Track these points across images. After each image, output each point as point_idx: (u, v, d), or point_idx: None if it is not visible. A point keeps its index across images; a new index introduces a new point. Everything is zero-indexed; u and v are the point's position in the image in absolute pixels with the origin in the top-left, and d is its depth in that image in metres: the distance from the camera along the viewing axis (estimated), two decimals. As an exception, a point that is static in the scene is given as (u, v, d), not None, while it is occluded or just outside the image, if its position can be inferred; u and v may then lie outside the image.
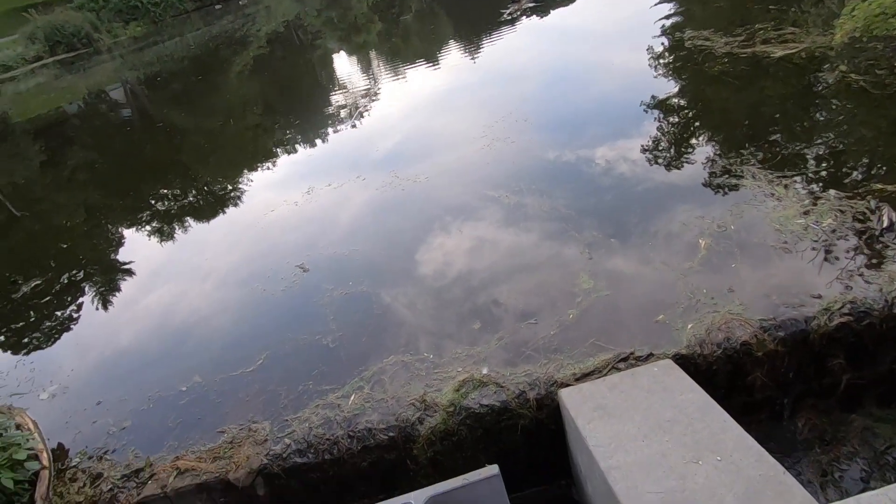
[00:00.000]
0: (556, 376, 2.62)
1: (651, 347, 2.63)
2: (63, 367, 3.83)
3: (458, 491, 0.80)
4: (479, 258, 3.78)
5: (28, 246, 6.80)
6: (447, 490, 0.80)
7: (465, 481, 0.82)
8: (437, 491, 0.78)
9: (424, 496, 0.77)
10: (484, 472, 0.84)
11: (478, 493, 0.83)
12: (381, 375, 2.94)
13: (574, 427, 2.26)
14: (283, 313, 3.75)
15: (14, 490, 2.56)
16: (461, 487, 0.80)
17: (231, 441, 2.75)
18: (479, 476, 0.82)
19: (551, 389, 2.58)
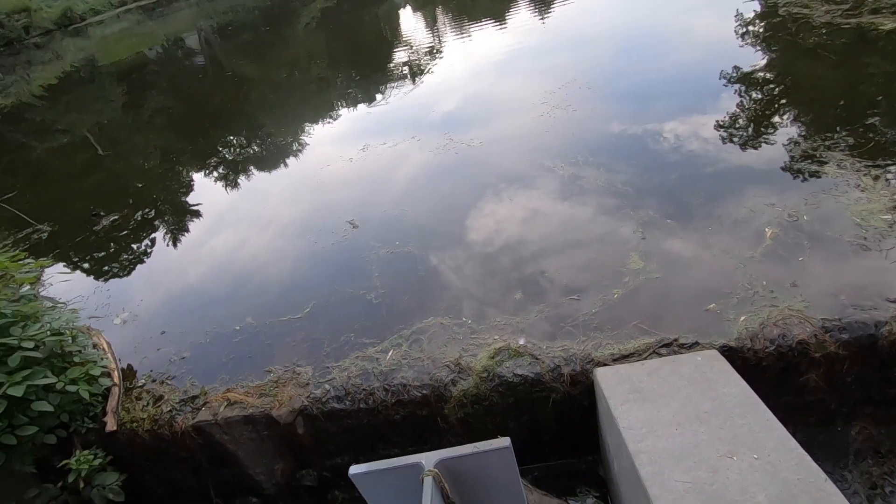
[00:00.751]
0: (593, 354, 2.59)
1: (697, 336, 2.53)
2: (134, 297, 4.19)
3: (469, 458, 0.82)
4: (528, 230, 3.72)
5: (109, 183, 7.35)
6: (457, 455, 0.83)
7: (475, 449, 0.84)
8: (448, 455, 0.81)
9: (435, 458, 0.80)
10: (495, 443, 0.86)
11: (488, 463, 0.85)
12: (420, 335, 3.01)
13: (606, 407, 2.24)
14: (332, 266, 3.89)
15: (90, 401, 2.87)
16: (471, 455, 0.83)
17: (276, 381, 2.94)
18: (490, 446, 0.85)
19: (587, 367, 2.55)
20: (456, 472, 0.81)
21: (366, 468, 0.83)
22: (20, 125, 12.50)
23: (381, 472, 0.80)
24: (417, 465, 0.80)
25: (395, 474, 0.80)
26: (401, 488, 0.82)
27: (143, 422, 2.88)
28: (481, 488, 0.85)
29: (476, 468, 0.83)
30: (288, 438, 2.85)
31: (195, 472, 2.99)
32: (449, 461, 0.81)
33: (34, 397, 2.59)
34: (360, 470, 0.83)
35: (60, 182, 7.88)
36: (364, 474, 0.82)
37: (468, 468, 0.82)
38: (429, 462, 0.80)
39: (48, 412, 2.61)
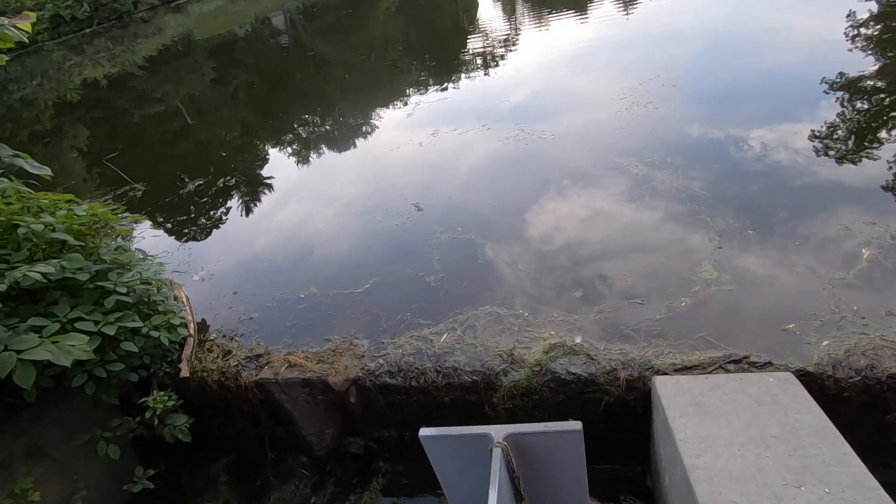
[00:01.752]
0: (653, 362, 2.50)
1: (771, 356, 2.37)
2: (212, 257, 4.50)
3: (537, 436, 0.82)
4: (592, 229, 3.63)
5: (195, 151, 7.88)
6: (527, 432, 0.83)
7: (545, 428, 0.84)
8: (517, 430, 0.81)
9: (504, 432, 0.81)
10: (566, 426, 0.85)
11: (556, 444, 0.85)
12: (475, 322, 3.03)
13: (663, 417, 2.16)
14: (394, 246, 3.98)
15: (168, 347, 3.13)
16: (541, 433, 0.82)
17: (334, 350, 3.07)
18: (561, 427, 0.84)
19: (645, 374, 2.47)
20: (523, 447, 0.82)
21: (436, 431, 0.85)
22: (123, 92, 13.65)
23: (450, 438, 0.82)
24: (487, 435, 0.82)
25: (463, 441, 0.82)
26: (467, 456, 0.84)
27: (212, 372, 3.11)
28: (546, 468, 0.85)
29: (543, 447, 0.83)
30: (340, 406, 2.97)
31: (254, 425, 3.19)
32: (517, 436, 0.82)
33: (123, 338, 2.86)
34: (430, 433, 0.85)
35: (154, 147, 8.54)
36: (433, 437, 0.84)
37: (536, 446, 0.82)
38: (498, 434, 0.81)
39: (133, 353, 2.87)
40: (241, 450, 3.34)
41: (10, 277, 2.40)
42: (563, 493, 0.90)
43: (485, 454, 0.80)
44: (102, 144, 9.20)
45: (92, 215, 3.20)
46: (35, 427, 2.77)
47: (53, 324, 2.59)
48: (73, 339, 2.48)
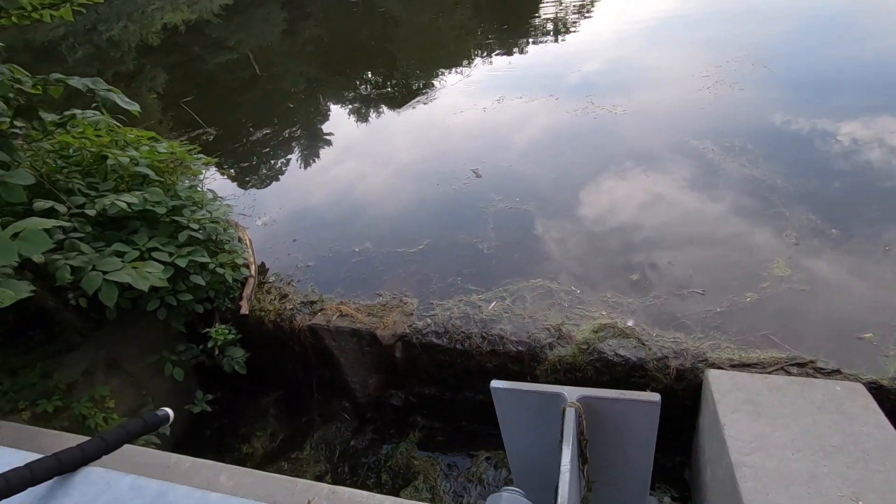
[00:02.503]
0: (708, 354, 2.41)
1: (840, 364, 2.24)
2: (274, 205, 4.67)
3: (612, 402, 0.81)
4: (658, 213, 3.48)
5: (262, 101, 8.10)
6: (601, 396, 0.82)
7: (620, 395, 0.82)
8: (591, 393, 0.80)
9: (578, 393, 0.80)
10: (644, 395, 0.83)
11: (630, 412, 0.83)
12: (525, 293, 3.02)
13: (713, 411, 2.10)
14: (450, 210, 3.98)
15: (231, 285, 3.32)
16: (615, 399, 0.81)
17: (384, 305, 3.16)
18: (637, 396, 0.82)
19: (698, 366, 2.40)
20: (594, 411, 0.81)
21: (508, 385, 0.86)
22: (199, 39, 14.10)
23: (522, 393, 0.83)
24: (559, 395, 0.81)
25: (535, 398, 0.82)
26: (536, 413, 0.84)
27: (269, 313, 3.28)
28: (614, 434, 0.85)
29: (616, 414, 0.82)
30: (385, 359, 3.08)
31: (303, 367, 3.37)
32: (591, 399, 0.81)
33: (192, 271, 3.05)
34: (502, 385, 0.86)
35: (224, 94, 8.84)
36: (505, 390, 0.86)
37: (608, 412, 0.81)
38: (571, 395, 0.80)
39: (201, 286, 3.07)
40: (290, 387, 3.54)
41: (99, 204, 2.59)
42: (628, 461, 0.89)
43: (555, 413, 0.80)
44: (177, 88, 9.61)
45: (171, 153, 3.38)
46: (113, 342, 3.04)
47: (133, 251, 2.79)
48: (150, 266, 2.66)
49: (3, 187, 2.07)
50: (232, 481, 1.73)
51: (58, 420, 2.55)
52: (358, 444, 3.18)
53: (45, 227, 1.82)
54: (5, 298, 1.66)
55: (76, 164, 3.14)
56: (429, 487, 2.84)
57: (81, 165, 3.14)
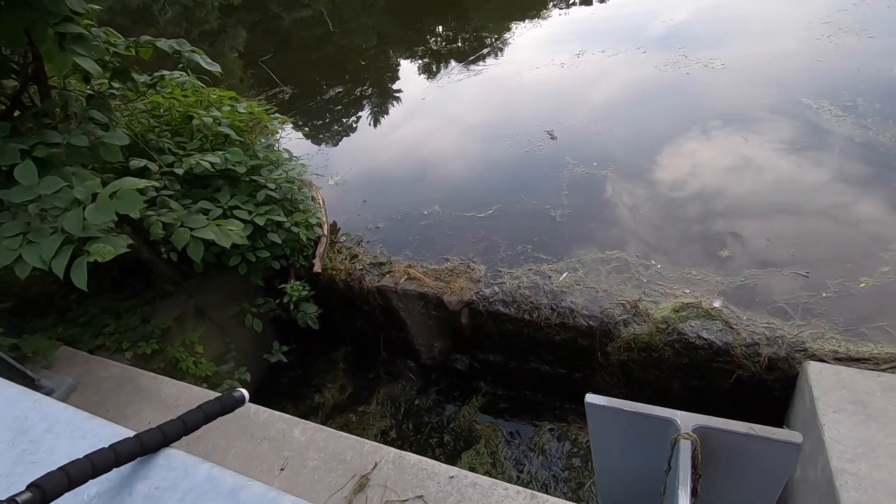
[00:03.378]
0: (808, 344, 2.17)
1: (977, 366, 1.92)
2: (345, 164, 4.73)
3: (738, 436, 0.66)
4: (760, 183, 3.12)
5: (335, 58, 8.12)
6: (723, 429, 0.66)
7: (750, 430, 0.66)
8: (710, 424, 0.65)
9: (693, 421, 0.66)
10: (781, 434, 0.66)
11: (761, 452, 0.67)
12: (599, 265, 2.86)
13: (810, 409, 1.89)
14: (521, 174, 3.82)
15: (305, 243, 3.43)
16: (743, 434, 0.65)
17: (452, 270, 3.13)
18: (772, 434, 0.66)
19: (795, 356, 2.17)
20: (711, 441, 0.68)
21: (605, 401, 0.73)
22: (276, -5, 14.29)
23: (623, 413, 0.70)
24: (671, 422, 0.68)
25: (639, 420, 0.70)
26: (638, 435, 0.73)
27: (340, 272, 3.36)
28: (735, 473, 0.72)
29: (741, 450, 0.68)
30: (451, 324, 3.08)
31: (372, 325, 3.46)
32: (710, 430, 0.67)
33: (269, 229, 3.17)
34: (599, 401, 0.73)
35: (299, 51, 8.96)
36: (601, 407, 0.73)
37: (730, 446, 0.68)
38: (685, 423, 0.68)
39: (277, 243, 3.19)
40: (359, 344, 3.67)
41: (186, 163, 2.72)
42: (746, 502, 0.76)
43: (661, 439, 0.68)
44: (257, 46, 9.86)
45: (250, 113, 3.47)
46: (200, 293, 3.28)
47: (217, 208, 2.94)
48: (232, 224, 2.79)
49: (103, 147, 2.21)
50: (305, 436, 1.81)
51: (155, 361, 2.81)
52: (422, 403, 3.26)
53: (139, 186, 1.92)
54: (106, 253, 1.79)
55: (166, 124, 3.31)
56: (490, 452, 2.87)
57: (171, 125, 3.31)
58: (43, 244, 1.78)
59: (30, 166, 1.85)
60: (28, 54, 2.34)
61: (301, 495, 1.69)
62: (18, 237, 1.80)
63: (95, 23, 2.60)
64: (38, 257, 1.76)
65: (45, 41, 1.85)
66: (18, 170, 1.84)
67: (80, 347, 2.71)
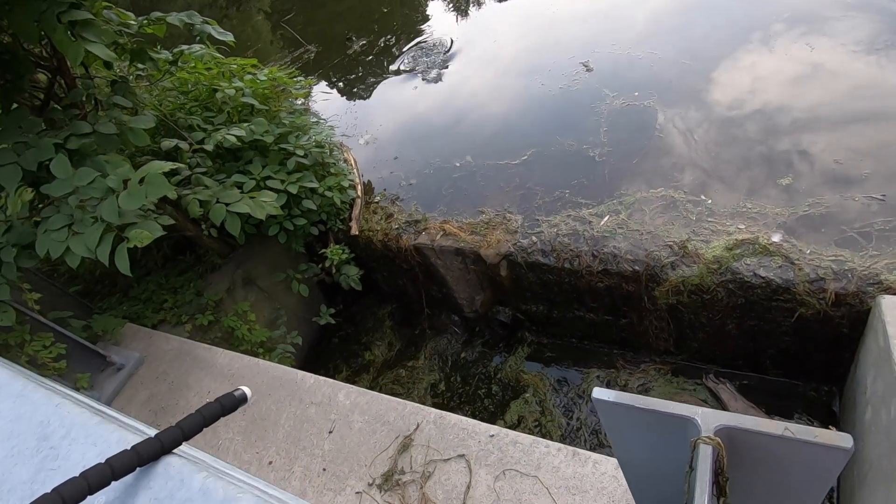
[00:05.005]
0: (883, 276, 1.96)
1: None
2: (375, 121, 4.63)
3: (771, 439, 0.52)
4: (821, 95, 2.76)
5: (360, 6, 7.80)
6: (753, 430, 0.52)
7: (787, 432, 0.51)
8: (737, 423, 0.52)
9: (717, 421, 0.53)
10: (825, 436, 0.51)
11: (795, 455, 0.53)
12: (643, 205, 2.68)
13: (884, 347, 1.73)
14: (556, 113, 3.59)
15: (340, 207, 3.44)
16: (777, 437, 0.51)
17: (487, 222, 3.05)
18: (813, 437, 0.51)
19: (867, 289, 1.97)
20: (740, 443, 0.57)
21: (615, 397, 0.63)
22: (293, -54, 13.78)
23: (636, 410, 0.62)
24: (689, 420, 0.58)
25: (654, 419, 0.61)
26: (657, 434, 0.64)
27: (377, 233, 3.37)
28: (770, 477, 0.61)
29: (776, 454, 0.56)
30: (490, 277, 3.04)
31: (413, 283, 3.48)
32: (736, 431, 0.56)
33: (303, 196, 3.20)
34: (608, 397, 0.63)
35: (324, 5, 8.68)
36: (611, 403, 0.64)
37: (762, 448, 0.57)
38: (707, 422, 0.56)
39: (312, 210, 3.22)
40: (402, 301, 3.72)
41: (213, 139, 2.74)
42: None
43: (681, 439, 0.59)
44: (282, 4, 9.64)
45: (272, 80, 3.42)
46: (247, 263, 3.40)
47: (250, 181, 2.97)
48: (265, 195, 2.82)
49: (130, 133, 2.25)
50: (349, 399, 1.87)
51: (212, 332, 2.98)
52: (468, 355, 3.30)
53: (164, 170, 1.95)
54: (143, 238, 1.86)
55: (194, 99, 3.33)
56: (538, 401, 2.88)
57: (199, 100, 3.33)
58: (87, 234, 1.87)
59: (62, 160, 1.92)
60: (48, 46, 2.38)
61: (349, 456, 1.77)
62: (64, 229, 1.89)
63: (111, 4, 2.59)
64: (84, 247, 1.85)
65: (55, 31, 1.85)
66: (53, 164, 1.91)
67: (145, 323, 2.92)
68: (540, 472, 1.47)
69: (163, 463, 0.58)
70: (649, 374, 2.77)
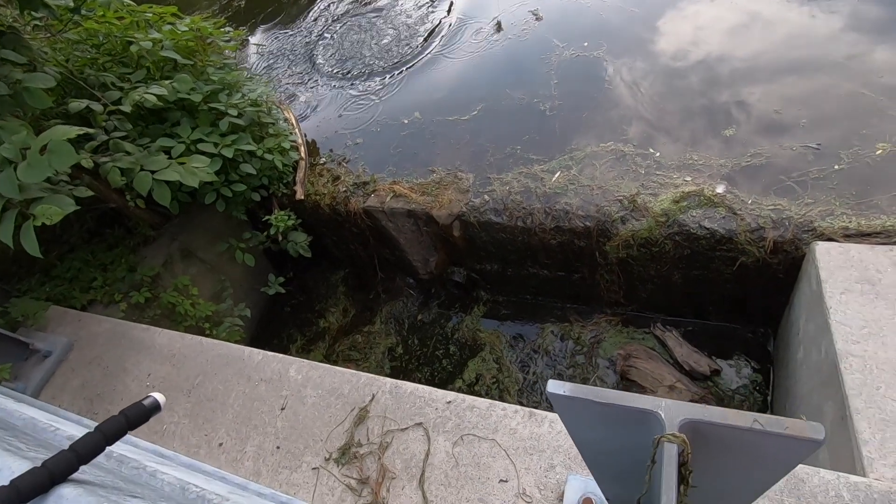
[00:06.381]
0: (817, 223, 2.04)
1: None
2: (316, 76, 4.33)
3: (739, 432, 0.48)
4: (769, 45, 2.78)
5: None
6: (720, 423, 0.48)
7: (754, 424, 0.47)
8: (702, 417, 0.47)
9: (682, 414, 0.48)
10: (797, 428, 0.46)
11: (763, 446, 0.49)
12: (594, 160, 2.66)
13: (816, 291, 1.82)
14: (506, 66, 3.46)
15: (282, 170, 3.24)
16: (746, 430, 0.47)
17: (438, 182, 2.95)
18: (783, 430, 0.46)
19: (802, 236, 2.05)
20: (703, 437, 0.53)
21: (571, 391, 0.57)
22: None
23: (595, 405, 0.56)
24: (653, 416, 0.53)
25: (614, 412, 0.56)
26: (618, 429, 0.60)
27: (324, 196, 3.21)
28: (732, 463, 0.58)
29: (743, 445, 0.53)
30: (444, 238, 2.98)
31: (364, 247, 3.38)
32: (703, 425, 0.51)
33: (241, 160, 2.97)
34: (563, 391, 0.57)
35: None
36: (567, 398, 0.58)
37: (729, 440, 0.53)
38: (671, 416, 0.51)
39: (252, 174, 3.01)
40: (355, 266, 3.62)
41: (130, 98, 2.46)
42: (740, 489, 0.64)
43: (644, 431, 0.55)
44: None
45: (195, 30, 3.09)
46: (184, 234, 3.18)
47: (179, 145, 2.72)
48: (197, 160, 2.60)
49: (27, 93, 1.96)
50: (301, 374, 1.80)
51: (150, 309, 2.79)
52: (425, 317, 3.28)
53: (70, 136, 1.73)
54: (52, 215, 1.66)
55: (108, 54, 2.97)
56: (495, 358, 2.92)
57: (113, 55, 2.96)
58: (-17, 212, 1.64)
59: (-57, 127, 1.65)
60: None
61: (303, 432, 1.72)
62: (-44, 208, 1.66)
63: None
64: (-19, 227, 1.63)
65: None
66: (-68, 133, 1.65)
67: (73, 304, 2.69)
68: (497, 434, 1.48)
69: (53, 496, 0.49)
70: (601, 325, 2.84)
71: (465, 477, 1.43)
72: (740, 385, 2.43)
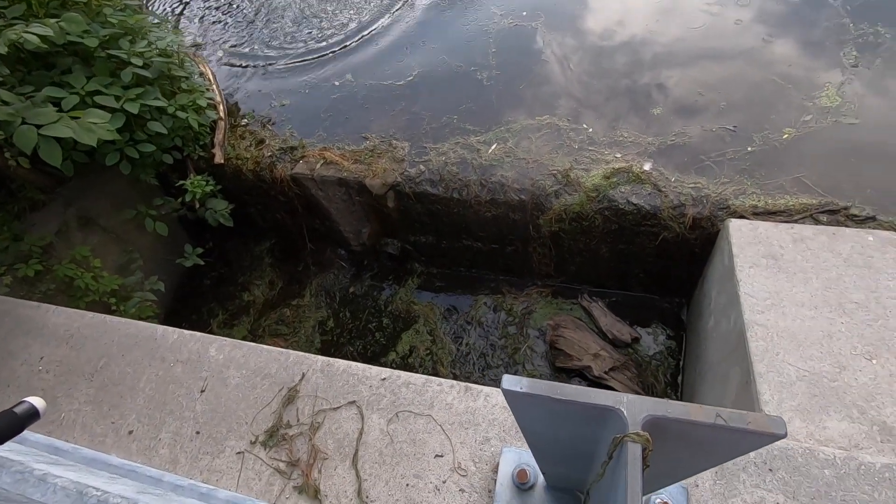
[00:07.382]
0: (730, 201, 2.19)
1: (878, 210, 2.02)
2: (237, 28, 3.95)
3: (702, 428, 0.47)
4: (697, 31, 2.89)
5: None
6: (683, 419, 0.46)
7: (717, 419, 0.46)
8: (662, 413, 0.45)
9: (645, 410, 0.46)
10: (758, 423, 0.46)
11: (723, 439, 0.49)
12: (530, 134, 2.66)
13: (728, 265, 1.96)
14: (443, 32, 3.34)
15: (198, 131, 2.95)
16: (709, 426, 0.46)
17: (372, 150, 2.83)
18: (745, 424, 0.45)
19: (718, 214, 2.19)
20: (662, 430, 0.51)
21: (528, 387, 0.53)
22: None
23: (552, 401, 0.53)
24: (614, 412, 0.49)
25: (572, 409, 0.53)
26: (575, 425, 0.57)
27: (246, 161, 2.97)
28: (690, 450, 0.57)
29: (702, 438, 0.52)
30: (377, 208, 2.88)
31: (292, 216, 3.19)
32: (664, 421, 0.49)
33: (149, 117, 2.66)
34: (519, 388, 0.53)
35: None
36: (523, 395, 0.53)
37: (688, 434, 0.52)
38: (633, 413, 0.49)
39: (163, 134, 2.71)
40: (282, 236, 3.43)
41: (4, 37, 2.08)
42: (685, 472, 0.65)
43: (603, 427, 0.53)
44: None
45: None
46: (82, 198, 2.82)
47: (71, 96, 2.37)
48: (94, 115, 2.28)
49: None
50: (222, 354, 1.68)
51: (42, 284, 2.47)
52: (357, 290, 3.19)
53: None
54: None
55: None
56: (429, 330, 2.92)
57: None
58: None
59: None
60: None
61: (226, 415, 1.61)
62: None
63: None
64: None
65: None
66: None
67: (-58, 279, 2.31)
68: (433, 410, 1.47)
69: None
70: (532, 297, 2.92)
71: (400, 454, 1.41)
72: (657, 351, 2.61)
